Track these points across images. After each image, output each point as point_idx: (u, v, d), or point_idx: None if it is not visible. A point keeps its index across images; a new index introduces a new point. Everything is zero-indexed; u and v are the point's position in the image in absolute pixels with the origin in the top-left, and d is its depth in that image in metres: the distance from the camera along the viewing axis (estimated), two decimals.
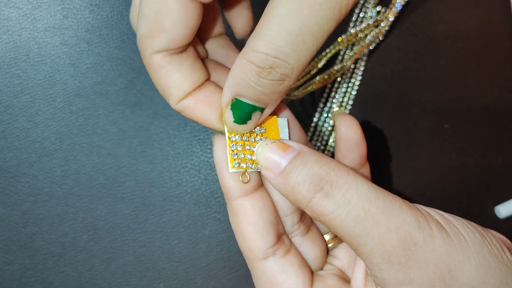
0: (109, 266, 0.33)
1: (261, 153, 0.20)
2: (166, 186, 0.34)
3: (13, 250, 0.33)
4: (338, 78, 0.36)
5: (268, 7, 0.17)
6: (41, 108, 0.34)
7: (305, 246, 0.23)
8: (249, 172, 0.21)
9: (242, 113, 0.19)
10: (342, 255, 0.24)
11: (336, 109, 0.35)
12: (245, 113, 0.19)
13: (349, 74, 0.36)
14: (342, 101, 0.36)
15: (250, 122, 0.20)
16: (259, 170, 0.21)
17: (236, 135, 0.21)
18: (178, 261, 0.33)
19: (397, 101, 0.36)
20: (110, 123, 0.34)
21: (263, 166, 0.20)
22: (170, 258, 0.33)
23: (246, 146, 0.21)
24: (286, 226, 0.23)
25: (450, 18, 0.37)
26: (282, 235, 0.22)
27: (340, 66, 0.34)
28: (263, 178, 0.22)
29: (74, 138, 0.34)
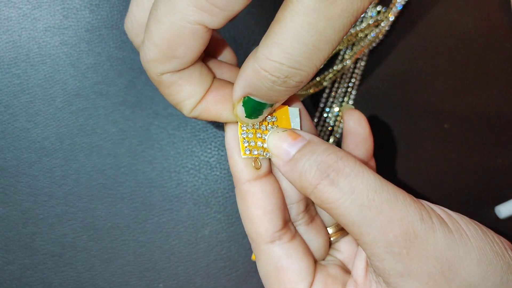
0: (109, 266, 0.33)
1: (271, 141, 0.21)
2: (166, 186, 0.34)
3: (13, 250, 0.33)
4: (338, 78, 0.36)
5: (281, 15, 0.16)
6: (41, 108, 0.34)
7: (308, 235, 0.23)
8: (260, 159, 0.21)
9: (254, 109, 0.20)
10: (344, 249, 0.25)
11: (336, 109, 0.35)
12: (256, 109, 0.20)
13: (349, 74, 0.36)
14: (342, 101, 0.36)
15: (260, 116, 0.20)
16: (270, 158, 0.21)
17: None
18: (178, 261, 0.33)
19: (397, 101, 0.36)
20: (110, 123, 0.34)
21: (273, 153, 0.21)
22: (170, 258, 0.33)
23: (258, 134, 0.21)
24: (292, 214, 0.23)
25: (450, 18, 0.37)
26: (288, 222, 0.22)
27: (340, 66, 0.34)
28: (273, 166, 0.22)
29: (74, 138, 0.34)
